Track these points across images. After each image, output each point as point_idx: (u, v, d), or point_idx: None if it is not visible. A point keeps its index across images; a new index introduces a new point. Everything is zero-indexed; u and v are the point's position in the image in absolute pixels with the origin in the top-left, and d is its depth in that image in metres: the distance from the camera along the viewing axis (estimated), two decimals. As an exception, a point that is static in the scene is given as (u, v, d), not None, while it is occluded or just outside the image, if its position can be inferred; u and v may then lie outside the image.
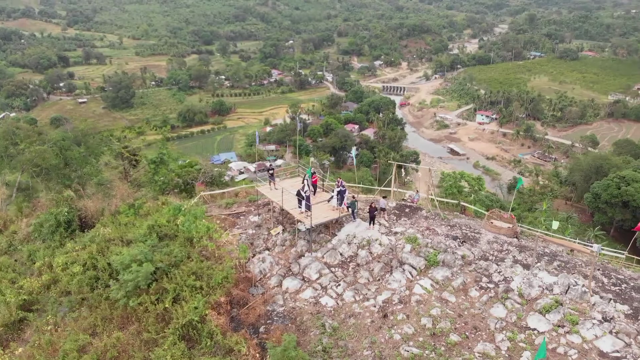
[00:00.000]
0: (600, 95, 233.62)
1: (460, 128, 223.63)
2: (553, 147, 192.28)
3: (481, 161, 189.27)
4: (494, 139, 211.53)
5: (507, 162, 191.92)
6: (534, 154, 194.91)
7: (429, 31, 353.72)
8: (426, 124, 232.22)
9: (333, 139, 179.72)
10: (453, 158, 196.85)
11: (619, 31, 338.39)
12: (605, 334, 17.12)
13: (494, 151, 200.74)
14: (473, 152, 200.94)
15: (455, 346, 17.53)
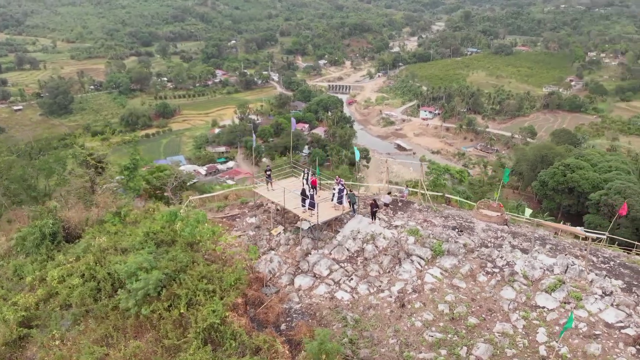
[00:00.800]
0: (535, 88, 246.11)
1: (406, 124, 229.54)
2: (494, 139, 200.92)
3: (427, 155, 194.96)
4: (438, 134, 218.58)
5: (452, 156, 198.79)
6: (476, 147, 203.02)
7: (370, 30, 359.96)
8: (373, 122, 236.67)
9: (285, 138, 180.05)
10: (400, 153, 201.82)
11: (549, 26, 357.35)
12: (607, 307, 18.82)
13: (438, 145, 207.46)
14: (419, 147, 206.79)
15: (475, 328, 18.71)
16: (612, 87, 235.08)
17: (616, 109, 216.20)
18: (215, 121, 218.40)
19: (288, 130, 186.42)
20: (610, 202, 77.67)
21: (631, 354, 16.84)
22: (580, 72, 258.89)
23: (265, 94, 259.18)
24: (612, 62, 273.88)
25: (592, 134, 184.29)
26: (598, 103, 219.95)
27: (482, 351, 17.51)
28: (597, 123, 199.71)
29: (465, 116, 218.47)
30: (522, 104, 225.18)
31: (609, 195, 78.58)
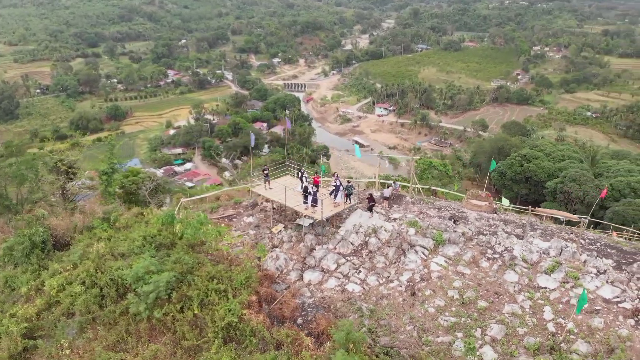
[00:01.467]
0: (484, 83, 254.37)
1: (362, 121, 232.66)
2: (448, 133, 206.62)
3: (384, 151, 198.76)
4: (393, 130, 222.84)
5: (408, 150, 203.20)
6: (431, 141, 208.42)
7: (321, 28, 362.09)
8: (330, 119, 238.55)
9: (244, 138, 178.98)
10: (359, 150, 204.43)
11: (495, 21, 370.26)
12: (604, 284, 20.37)
13: (394, 141, 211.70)
14: (376, 143, 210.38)
15: (486, 311, 19.85)
16: (556, 80, 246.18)
17: (561, 100, 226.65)
18: (169, 122, 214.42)
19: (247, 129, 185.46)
20: (566, 189, 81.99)
21: (630, 325, 18.40)
22: (526, 66, 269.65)
23: (220, 93, 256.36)
24: (555, 56, 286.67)
25: (540, 125, 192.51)
26: (544, 95, 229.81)
27: (495, 331, 18.66)
28: (544, 115, 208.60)
29: (419, 112, 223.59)
30: (472, 98, 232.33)
31: (565, 183, 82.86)
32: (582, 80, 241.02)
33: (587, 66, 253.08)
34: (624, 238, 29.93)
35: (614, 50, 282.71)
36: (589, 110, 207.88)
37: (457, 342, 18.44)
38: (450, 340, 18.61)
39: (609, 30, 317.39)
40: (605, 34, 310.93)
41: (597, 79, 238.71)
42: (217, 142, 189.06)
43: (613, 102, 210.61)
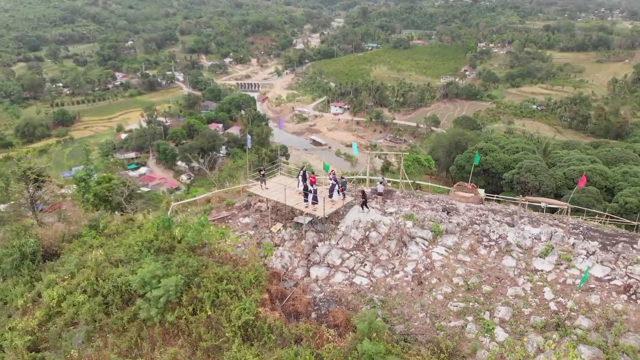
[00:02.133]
0: (433, 79, 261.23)
1: (318, 120, 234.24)
2: (401, 130, 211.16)
3: (341, 149, 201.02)
4: (349, 128, 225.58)
5: (365, 148, 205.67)
6: (386, 138, 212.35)
7: (272, 27, 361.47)
8: (287, 119, 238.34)
9: (200, 139, 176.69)
10: (316, 148, 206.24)
11: (441, 19, 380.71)
12: (594, 264, 22.03)
13: (351, 138, 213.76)
14: (333, 141, 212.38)
15: (491, 294, 21.09)
16: (502, 75, 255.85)
17: (508, 94, 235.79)
18: (120, 126, 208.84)
19: (202, 131, 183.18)
20: (523, 179, 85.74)
21: (624, 300, 20.07)
22: (473, 62, 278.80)
23: (172, 94, 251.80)
24: (500, 51, 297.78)
25: (489, 119, 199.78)
26: (491, 90, 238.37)
27: (503, 313, 19.91)
28: (492, 109, 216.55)
29: (373, 109, 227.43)
30: (423, 95, 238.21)
31: (521, 174, 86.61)
32: (527, 75, 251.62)
33: (530, 61, 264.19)
34: (600, 222, 32.15)
35: (555, 44, 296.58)
36: (535, 103, 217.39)
37: (469, 325, 19.59)
38: (463, 324, 19.73)
39: (550, 26, 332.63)
40: (547, 29, 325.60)
41: (540, 73, 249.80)
42: (172, 144, 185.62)
43: (557, 95, 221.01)
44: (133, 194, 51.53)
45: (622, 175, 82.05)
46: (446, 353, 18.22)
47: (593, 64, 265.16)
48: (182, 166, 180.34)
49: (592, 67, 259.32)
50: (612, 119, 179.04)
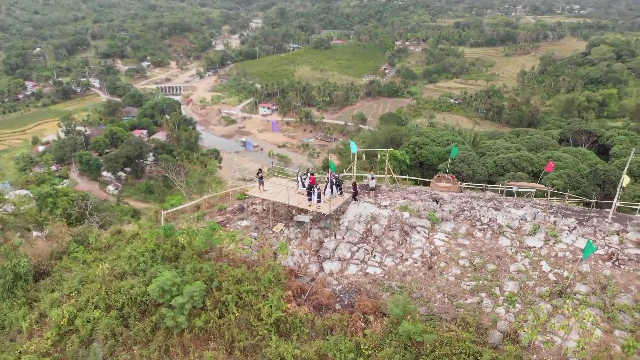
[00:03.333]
0: (356, 78, 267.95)
1: (247, 121, 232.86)
2: (331, 129, 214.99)
3: (274, 150, 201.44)
4: (280, 128, 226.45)
5: (297, 148, 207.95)
6: (317, 137, 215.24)
7: (189, 29, 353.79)
8: (214, 121, 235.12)
9: (126, 147, 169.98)
10: (248, 150, 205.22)
11: (357, 19, 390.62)
12: (577, 238, 24.97)
13: (282, 139, 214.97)
14: (265, 142, 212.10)
15: (496, 272, 23.36)
16: (420, 71, 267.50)
17: (426, 90, 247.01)
18: (36, 138, 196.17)
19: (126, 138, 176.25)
20: (457, 169, 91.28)
21: (609, 266, 23.09)
22: (392, 60, 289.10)
23: (89, 102, 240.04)
24: (416, 49, 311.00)
25: (412, 115, 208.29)
26: (411, 87, 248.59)
27: (511, 287, 22.23)
28: (413, 105, 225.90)
29: (301, 109, 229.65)
30: (348, 94, 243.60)
31: (455, 164, 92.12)
32: (442, 71, 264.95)
33: (445, 57, 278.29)
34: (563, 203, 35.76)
35: (466, 40, 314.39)
36: (452, 97, 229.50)
37: (485, 300, 21.72)
38: (479, 300, 21.82)
39: (460, 23, 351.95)
40: (457, 26, 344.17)
41: (454, 68, 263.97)
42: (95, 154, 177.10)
43: (471, 89, 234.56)
44: (98, 206, 49.85)
45: (546, 160, 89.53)
46: (473, 326, 20.21)
47: (502, 57, 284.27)
48: (107, 176, 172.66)
49: (501, 61, 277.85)
50: (524, 108, 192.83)
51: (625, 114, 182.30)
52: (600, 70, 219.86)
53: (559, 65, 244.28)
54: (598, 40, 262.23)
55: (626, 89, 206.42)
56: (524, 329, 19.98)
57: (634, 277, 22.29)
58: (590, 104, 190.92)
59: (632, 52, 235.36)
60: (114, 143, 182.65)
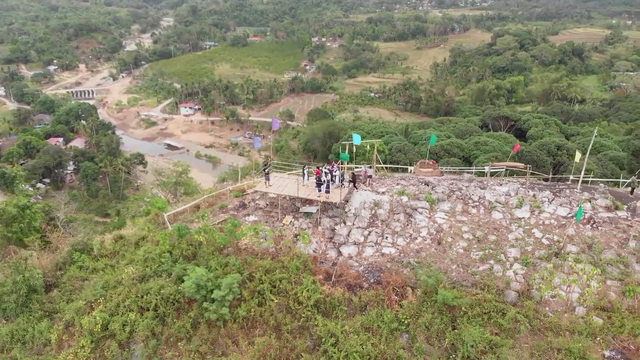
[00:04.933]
0: (278, 75, 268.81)
1: (169, 123, 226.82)
2: (259, 126, 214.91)
3: (201, 150, 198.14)
4: (205, 128, 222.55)
5: (225, 147, 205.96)
6: (245, 136, 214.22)
7: (97, 30, 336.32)
8: (133, 124, 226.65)
9: (43, 157, 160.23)
10: (173, 153, 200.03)
11: (272, 16, 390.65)
12: (557, 208, 28.73)
13: (209, 139, 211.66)
14: (190, 143, 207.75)
15: (498, 241, 26.44)
16: (339, 67, 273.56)
17: (347, 85, 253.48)
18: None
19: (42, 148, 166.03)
20: (395, 159, 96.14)
21: (589, 228, 27.00)
22: (311, 57, 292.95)
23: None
24: (333, 45, 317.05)
25: (337, 110, 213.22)
26: (333, 82, 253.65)
27: (514, 253, 25.44)
28: (337, 100, 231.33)
29: (226, 108, 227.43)
30: (272, 91, 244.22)
31: (392, 154, 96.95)
32: (360, 66, 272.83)
33: (361, 52, 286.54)
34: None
35: (379, 35, 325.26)
36: (372, 91, 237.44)
37: (495, 266, 24.76)
38: (489, 266, 24.82)
39: (372, 18, 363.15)
40: (370, 21, 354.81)
41: (371, 63, 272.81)
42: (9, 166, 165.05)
43: (389, 82, 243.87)
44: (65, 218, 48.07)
45: (474, 145, 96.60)
46: (494, 288, 23.15)
47: (414, 51, 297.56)
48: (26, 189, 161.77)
49: (414, 54, 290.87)
50: (440, 99, 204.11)
51: (532, 99, 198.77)
52: (506, 60, 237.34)
53: (468, 56, 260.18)
54: (502, 31, 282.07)
55: (531, 75, 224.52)
56: (535, 287, 23.22)
57: (611, 235, 26.34)
58: (500, 91, 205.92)
59: (533, 41, 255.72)
60: (28, 153, 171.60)
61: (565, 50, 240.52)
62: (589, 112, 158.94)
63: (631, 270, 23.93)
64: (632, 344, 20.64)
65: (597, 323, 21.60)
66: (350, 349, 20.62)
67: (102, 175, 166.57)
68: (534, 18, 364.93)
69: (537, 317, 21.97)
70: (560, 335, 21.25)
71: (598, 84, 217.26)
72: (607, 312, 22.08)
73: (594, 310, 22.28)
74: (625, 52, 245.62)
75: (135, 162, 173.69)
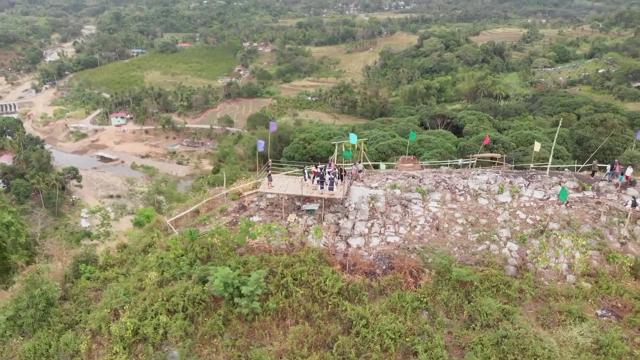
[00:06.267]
0: (211, 81, 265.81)
1: (101, 134, 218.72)
2: (197, 134, 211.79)
3: (137, 161, 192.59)
4: (139, 138, 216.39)
5: (163, 156, 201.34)
6: (182, 143, 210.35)
7: (15, 40, 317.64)
8: (61, 137, 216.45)
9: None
10: (107, 165, 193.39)
11: (200, 21, 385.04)
12: (533, 191, 32.18)
13: (144, 149, 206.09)
14: (125, 154, 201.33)
15: (489, 224, 29.32)
16: (273, 72, 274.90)
17: (283, 89, 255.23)
18: None
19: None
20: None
21: (564, 208, 30.57)
22: (244, 61, 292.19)
23: None
24: (265, 50, 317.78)
25: (277, 114, 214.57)
26: (269, 87, 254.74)
27: (505, 233, 28.43)
28: (275, 104, 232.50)
29: (160, 116, 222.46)
30: (207, 97, 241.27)
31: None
32: (294, 70, 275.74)
33: (294, 57, 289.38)
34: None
35: (310, 40, 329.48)
36: (309, 95, 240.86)
37: (492, 246, 27.64)
38: (486, 246, 27.65)
39: (302, 23, 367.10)
40: (300, 26, 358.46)
41: (305, 67, 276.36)
42: None
43: (324, 86, 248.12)
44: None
45: (419, 143, 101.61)
46: (496, 265, 25.97)
47: (345, 54, 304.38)
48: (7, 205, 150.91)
49: (345, 58, 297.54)
50: (374, 100, 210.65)
51: (460, 97, 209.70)
52: (433, 61, 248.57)
53: (397, 58, 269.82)
54: (427, 33, 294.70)
55: (457, 75, 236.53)
56: (531, 260, 26.30)
57: (584, 213, 30.04)
58: (430, 91, 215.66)
59: (457, 42, 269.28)
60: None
61: (487, 49, 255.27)
62: (515, 107, 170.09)
63: (606, 240, 27.61)
64: (619, 303, 24.09)
65: (587, 287, 24.94)
66: (383, 327, 22.57)
67: (35, 193, 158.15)
68: (455, 20, 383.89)
69: (537, 287, 24.98)
70: (558, 300, 24.35)
71: (519, 80, 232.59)
72: (593, 278, 25.49)
73: (582, 277, 25.63)
74: (542, 49, 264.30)
75: (69, 177, 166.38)
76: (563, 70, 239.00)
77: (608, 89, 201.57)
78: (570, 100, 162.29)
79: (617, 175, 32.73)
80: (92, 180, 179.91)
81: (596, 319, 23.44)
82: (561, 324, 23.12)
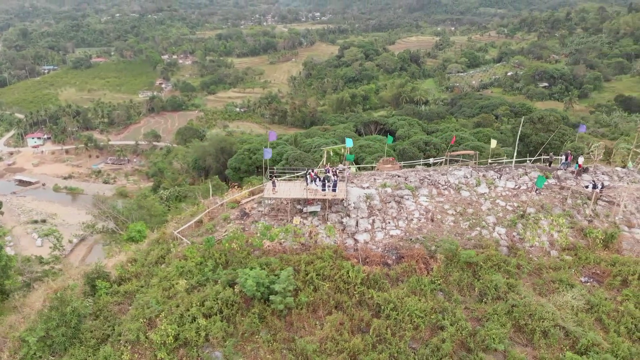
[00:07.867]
0: (132, 96, 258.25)
1: (17, 156, 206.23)
2: (121, 150, 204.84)
3: (59, 183, 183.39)
4: (59, 158, 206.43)
5: (87, 176, 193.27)
6: (107, 161, 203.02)
7: None
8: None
9: None
10: (27, 189, 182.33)
11: (113, 35, 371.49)
12: (506, 182, 36.36)
13: (66, 170, 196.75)
14: (46, 176, 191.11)
15: (476, 213, 33.01)
16: (197, 84, 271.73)
17: (209, 101, 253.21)
18: None
19: None
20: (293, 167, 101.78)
21: (535, 195, 34.96)
22: (165, 74, 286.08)
23: None
24: (186, 62, 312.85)
25: (207, 126, 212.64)
26: (194, 99, 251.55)
27: (492, 220, 32.20)
28: (202, 117, 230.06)
29: (80, 135, 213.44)
30: (129, 112, 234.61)
31: (290, 163, 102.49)
32: (218, 82, 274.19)
33: (217, 68, 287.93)
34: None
35: (232, 51, 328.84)
36: (236, 106, 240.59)
37: (483, 231, 31.31)
38: (478, 232, 31.29)
39: (222, 34, 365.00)
40: (220, 37, 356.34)
41: (229, 78, 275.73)
42: None
43: (251, 97, 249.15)
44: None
45: (360, 148, 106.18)
46: (491, 246, 29.61)
47: (268, 65, 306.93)
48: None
49: (269, 69, 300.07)
50: (304, 110, 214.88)
51: (384, 104, 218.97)
52: (355, 70, 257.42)
53: (320, 68, 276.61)
54: (347, 43, 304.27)
55: (378, 82, 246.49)
56: (519, 240, 30.23)
57: (552, 197, 34.60)
58: (356, 99, 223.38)
59: (376, 51, 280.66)
60: None
61: (404, 57, 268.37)
62: (437, 111, 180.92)
63: (575, 219, 32.21)
64: (598, 270, 28.48)
65: (569, 260, 29.16)
66: (411, 308, 25.27)
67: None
68: (370, 29, 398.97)
69: (529, 262, 28.86)
70: (548, 272, 28.33)
71: (435, 85, 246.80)
72: (572, 251, 29.79)
73: (563, 251, 29.87)
74: (454, 55, 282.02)
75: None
76: (475, 74, 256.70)
77: (518, 90, 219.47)
78: (487, 102, 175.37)
79: (572, 164, 37.85)
80: (12, 206, 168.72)
81: (582, 284, 27.61)
82: (555, 291, 27.02)
